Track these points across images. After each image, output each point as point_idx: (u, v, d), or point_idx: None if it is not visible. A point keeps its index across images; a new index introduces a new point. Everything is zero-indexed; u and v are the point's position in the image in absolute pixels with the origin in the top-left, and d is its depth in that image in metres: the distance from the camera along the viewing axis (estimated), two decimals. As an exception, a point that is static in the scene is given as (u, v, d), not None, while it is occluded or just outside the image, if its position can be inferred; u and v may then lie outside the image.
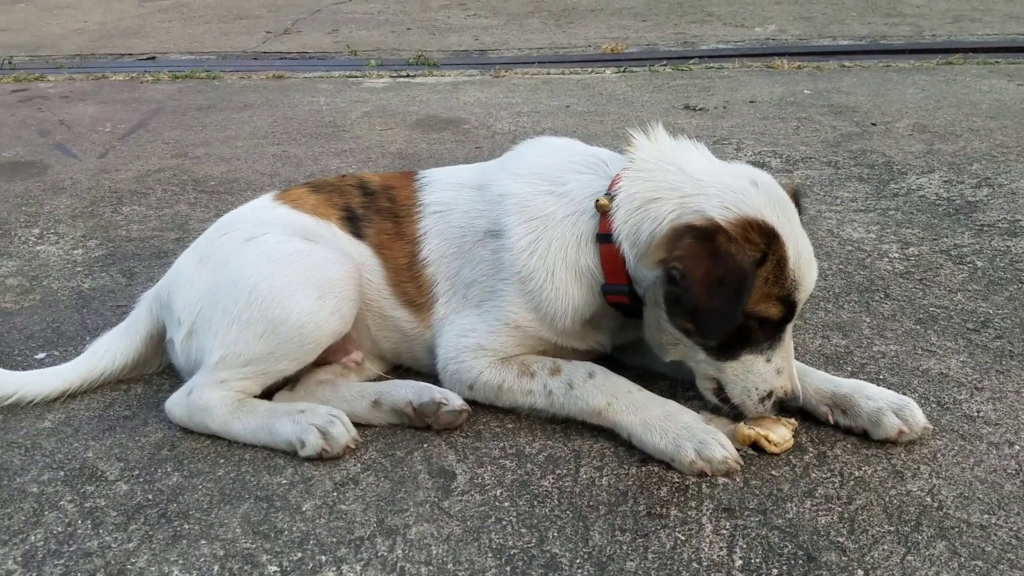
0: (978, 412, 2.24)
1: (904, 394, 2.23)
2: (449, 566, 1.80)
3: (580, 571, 1.77)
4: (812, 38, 7.38)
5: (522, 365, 2.27)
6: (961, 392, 2.33)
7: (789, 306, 2.04)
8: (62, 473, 2.15)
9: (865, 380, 2.28)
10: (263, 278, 2.25)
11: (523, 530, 1.90)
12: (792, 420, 2.16)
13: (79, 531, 1.94)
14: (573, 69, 6.69)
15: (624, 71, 6.50)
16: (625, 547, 1.83)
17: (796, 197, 2.20)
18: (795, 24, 7.97)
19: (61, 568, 1.83)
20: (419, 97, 5.91)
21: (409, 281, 2.40)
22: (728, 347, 2.07)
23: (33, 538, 1.92)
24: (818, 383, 2.22)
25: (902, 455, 2.09)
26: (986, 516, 1.88)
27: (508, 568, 1.79)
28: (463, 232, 2.36)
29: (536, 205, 2.27)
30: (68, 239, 3.68)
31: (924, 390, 2.35)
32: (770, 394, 2.09)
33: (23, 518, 1.99)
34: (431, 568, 1.80)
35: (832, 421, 2.19)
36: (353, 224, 2.46)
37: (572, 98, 5.74)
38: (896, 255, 3.17)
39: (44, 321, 2.95)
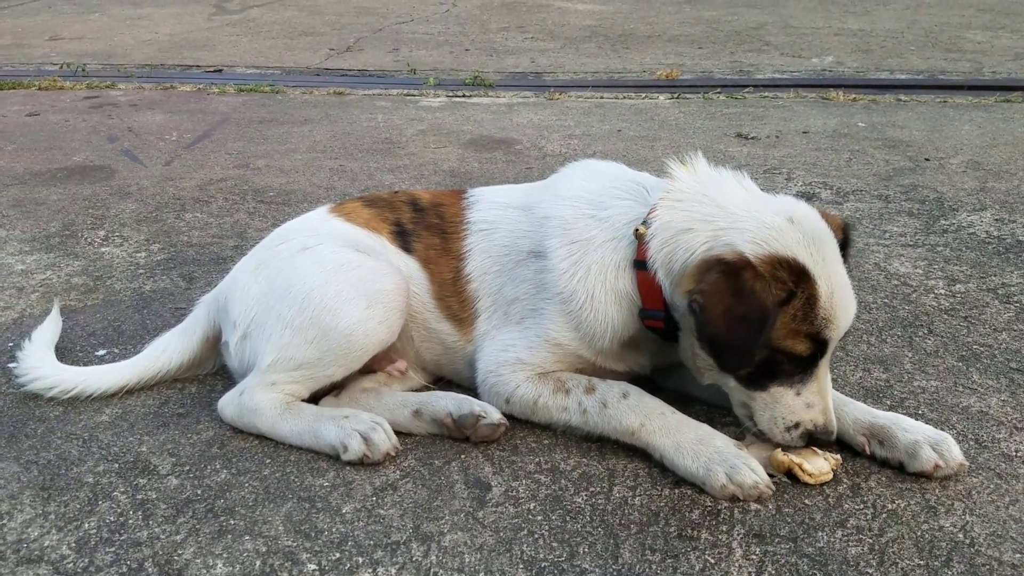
0: (1016, 452, 2.23)
1: (942, 430, 2.24)
2: (481, 574, 1.85)
3: (608, 586, 1.82)
4: (869, 71, 7.33)
5: (558, 382, 2.32)
6: (1000, 431, 2.32)
7: (818, 343, 2.05)
8: (116, 465, 2.25)
9: (904, 414, 2.29)
10: (316, 286, 2.34)
11: (554, 544, 1.94)
12: (836, 456, 2.16)
13: (130, 521, 2.04)
14: (627, 94, 6.74)
15: (678, 97, 6.54)
16: (654, 567, 1.87)
17: (845, 231, 2.22)
18: (853, 56, 7.93)
19: (112, 555, 1.92)
20: (473, 117, 6.02)
21: (453, 296, 2.47)
22: (756, 379, 2.10)
23: (87, 526, 2.02)
24: (857, 414, 2.23)
25: (936, 490, 2.09)
26: (1018, 556, 1.88)
27: (538, 580, 1.84)
28: (507, 251, 2.43)
29: (578, 229, 2.33)
30: (132, 242, 3.83)
31: (963, 427, 2.34)
32: (797, 425, 2.10)
33: (78, 506, 2.09)
34: (463, 575, 1.85)
35: (868, 452, 2.20)
36: (403, 238, 2.54)
37: (624, 122, 5.79)
38: (942, 291, 3.15)
39: (106, 320, 3.08)
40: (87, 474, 2.21)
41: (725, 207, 2.15)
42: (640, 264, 2.22)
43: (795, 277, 2.01)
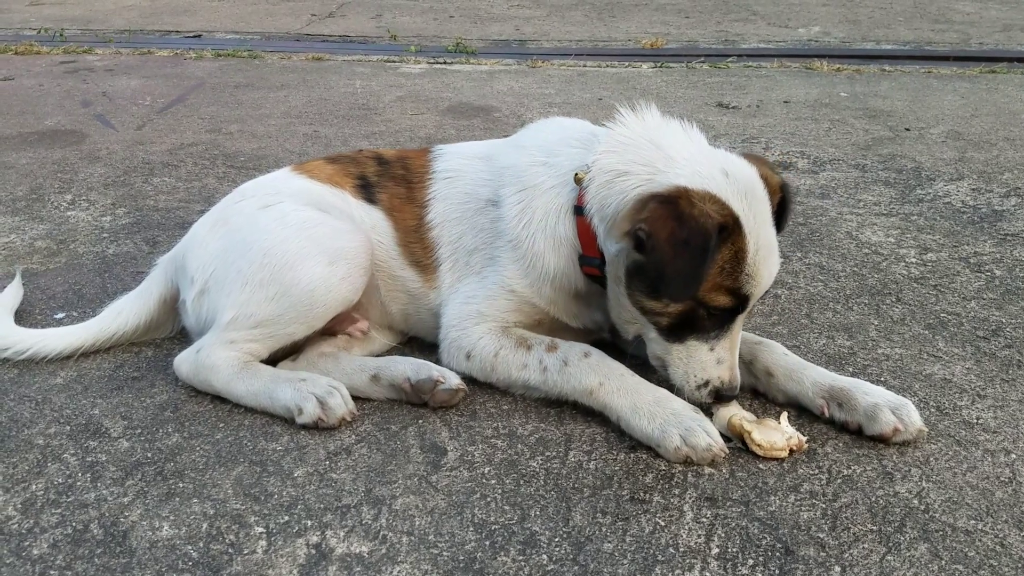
0: (977, 419, 2.22)
1: (904, 396, 2.22)
2: (430, 537, 1.83)
3: (558, 549, 1.79)
4: (855, 41, 7.28)
5: (520, 338, 2.30)
6: (963, 398, 2.31)
7: (740, 299, 2.04)
8: (68, 428, 2.22)
9: (865, 380, 2.27)
10: (277, 242, 2.30)
11: (506, 507, 1.92)
12: (801, 438, 2.10)
13: (78, 483, 2.01)
14: (610, 63, 6.67)
15: (661, 67, 6.48)
16: (604, 529, 1.85)
17: (783, 191, 2.19)
18: (840, 27, 7.87)
19: (58, 517, 1.89)
20: (453, 84, 5.95)
21: (416, 242, 2.46)
22: (675, 330, 2.10)
23: (34, 487, 1.99)
24: (816, 376, 2.21)
25: (894, 457, 2.07)
26: (973, 522, 1.87)
27: (487, 543, 1.82)
28: (467, 199, 2.42)
29: (529, 175, 2.33)
30: (98, 206, 3.77)
31: (925, 394, 2.33)
32: (707, 383, 2.11)
33: (27, 468, 2.06)
34: (412, 538, 1.83)
35: (827, 415, 2.18)
36: (366, 191, 2.52)
37: (605, 91, 5.73)
38: (913, 260, 3.13)
39: (67, 283, 3.03)
40: (38, 436, 2.18)
41: (666, 152, 2.12)
42: (579, 210, 2.20)
43: (730, 219, 1.99)
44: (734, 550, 1.79)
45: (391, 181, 2.53)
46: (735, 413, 2.12)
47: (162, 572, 1.74)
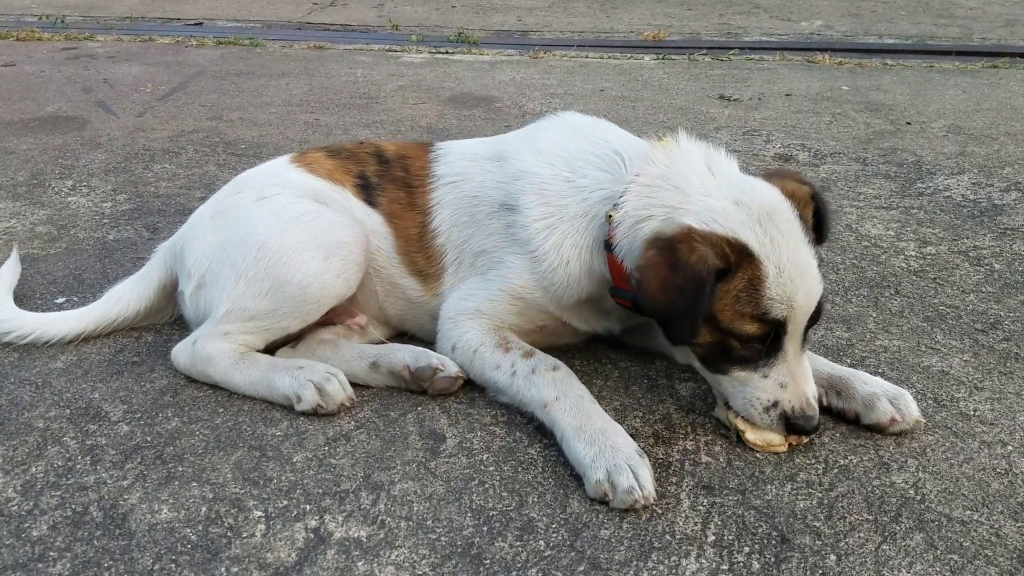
0: (975, 411, 2.23)
1: (903, 388, 2.23)
2: (428, 522, 1.84)
3: (555, 535, 1.80)
4: (858, 35, 7.28)
5: (503, 339, 2.28)
6: (960, 391, 2.31)
7: (769, 324, 1.97)
8: (68, 411, 2.22)
9: (863, 371, 2.28)
10: (272, 236, 2.29)
11: (504, 494, 1.93)
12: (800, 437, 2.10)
13: (78, 466, 2.02)
14: (612, 54, 6.67)
15: (663, 58, 6.47)
16: (601, 516, 1.86)
17: (816, 202, 2.15)
18: (842, 20, 7.86)
19: (57, 499, 1.90)
20: (455, 74, 5.94)
21: (419, 251, 2.43)
22: (714, 362, 2.06)
23: (34, 470, 2.00)
24: (815, 365, 2.21)
25: (891, 447, 2.08)
26: (968, 512, 1.88)
27: (485, 528, 1.82)
28: (476, 202, 2.38)
29: (553, 191, 2.28)
30: (99, 192, 3.77)
31: (922, 386, 2.33)
32: (776, 404, 2.02)
33: (27, 450, 2.07)
34: (410, 523, 1.84)
35: (825, 403, 2.19)
36: (367, 192, 2.49)
37: (607, 82, 5.73)
38: (913, 253, 3.13)
39: (67, 268, 3.03)
40: (38, 419, 2.19)
41: (683, 191, 2.09)
42: (610, 246, 2.17)
43: (736, 254, 1.95)
44: (730, 537, 1.80)
45: (392, 184, 2.49)
46: (730, 414, 2.12)
47: (161, 555, 1.75)
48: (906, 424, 2.10)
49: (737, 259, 1.95)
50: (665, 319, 2.00)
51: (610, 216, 2.16)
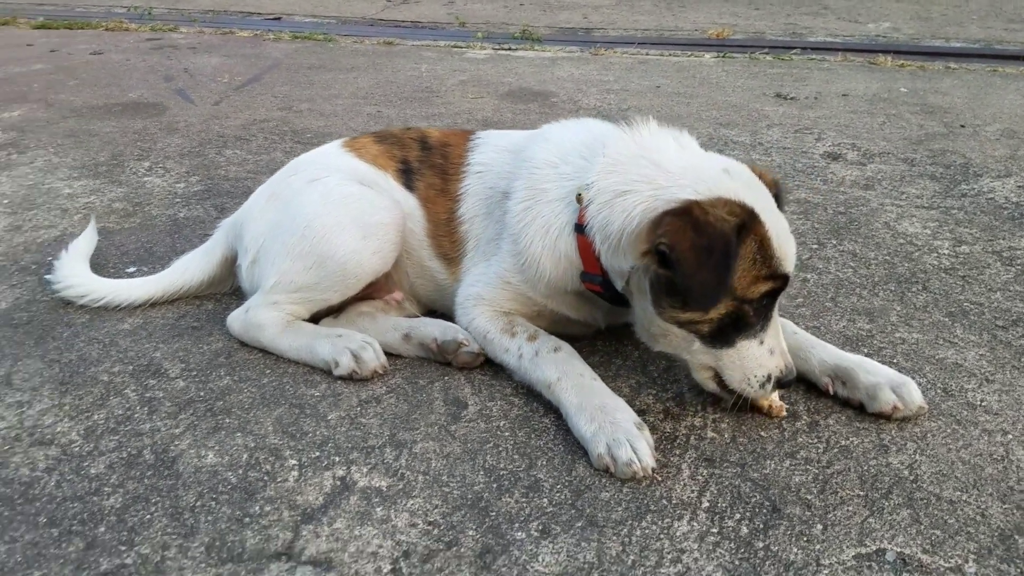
0: (981, 401, 2.29)
1: (912, 378, 2.30)
2: (444, 477, 2.00)
3: (558, 495, 1.94)
4: (924, 38, 7.18)
5: (508, 324, 2.39)
6: (971, 382, 2.37)
7: (779, 280, 2.06)
8: (131, 368, 2.45)
9: (877, 361, 2.36)
10: (317, 216, 2.49)
11: (516, 456, 2.08)
12: (780, 404, 2.23)
13: (136, 415, 2.24)
14: (673, 52, 6.74)
15: (724, 56, 6.51)
16: (603, 480, 1.99)
17: (776, 187, 2.23)
18: (910, 23, 7.75)
19: (115, 443, 2.13)
20: (515, 69, 6.10)
21: (446, 236, 2.57)
22: (723, 334, 2.09)
23: (96, 417, 2.23)
24: (823, 355, 2.30)
25: (893, 431, 2.16)
26: (958, 493, 1.95)
27: (495, 485, 1.98)
28: (491, 193, 2.50)
29: (538, 175, 2.37)
30: (173, 174, 4.05)
31: (934, 376, 2.40)
32: (768, 377, 2.11)
33: (91, 400, 2.30)
34: (427, 477, 2.00)
35: (832, 392, 2.27)
36: (407, 176, 2.65)
37: (665, 79, 5.81)
38: (946, 252, 3.17)
39: (140, 241, 3.29)
40: (103, 374, 2.42)
41: (664, 167, 2.15)
42: (580, 228, 2.23)
43: (745, 213, 2.01)
44: (724, 505, 1.92)
45: (430, 170, 2.63)
46: None
47: (203, 493, 1.95)
48: (909, 411, 2.17)
49: (748, 219, 2.00)
50: (693, 288, 1.98)
51: (579, 197, 2.22)
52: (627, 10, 8.51)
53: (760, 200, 2.07)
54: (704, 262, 1.95)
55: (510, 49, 6.79)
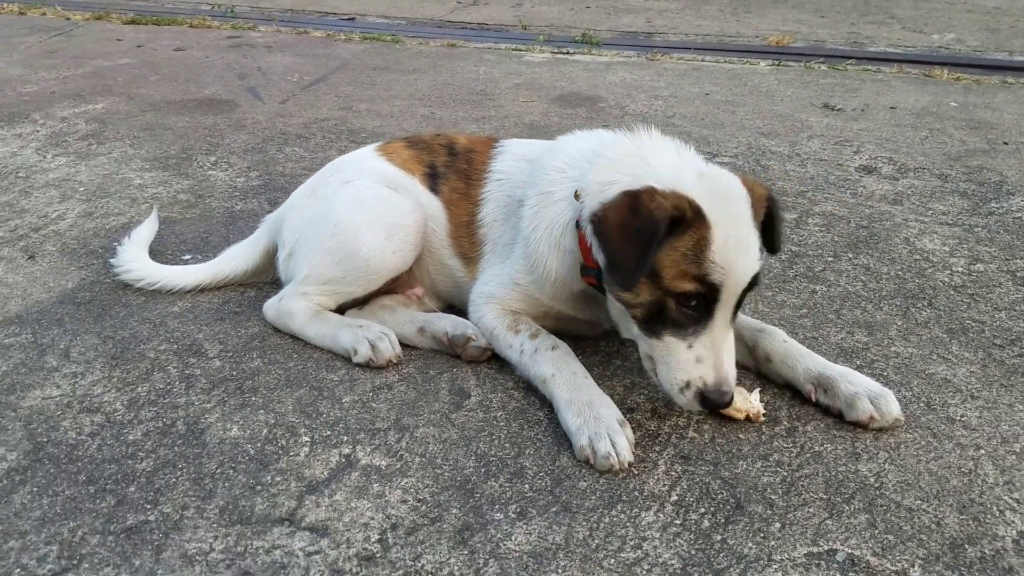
0: (961, 417, 2.37)
1: (899, 392, 2.41)
2: (438, 460, 2.20)
3: (540, 482, 2.12)
4: (987, 51, 7.06)
5: (514, 321, 2.57)
6: (955, 398, 2.46)
7: (706, 286, 2.11)
8: (175, 347, 2.72)
9: (865, 374, 2.47)
10: (347, 215, 2.71)
11: (507, 445, 2.26)
12: (759, 407, 2.34)
13: (174, 390, 2.50)
14: (729, 58, 6.79)
15: (779, 65, 6.55)
16: (583, 471, 2.16)
17: (769, 204, 2.30)
18: (976, 35, 7.62)
19: (153, 413, 2.39)
20: (570, 73, 6.25)
21: (465, 237, 2.77)
22: (651, 323, 2.20)
23: (140, 389, 2.50)
24: (809, 364, 2.41)
25: (867, 440, 2.27)
26: (919, 502, 2.05)
27: (483, 470, 2.17)
28: (509, 200, 2.68)
29: (547, 181, 2.54)
30: (235, 168, 4.34)
31: (920, 390, 2.49)
32: (688, 384, 2.16)
33: (137, 374, 2.57)
34: (423, 459, 2.21)
35: (814, 399, 2.39)
36: (433, 180, 2.86)
37: (715, 86, 5.89)
38: (960, 269, 3.22)
39: (197, 231, 3.58)
40: (150, 351, 2.69)
41: (652, 166, 2.29)
42: (579, 223, 2.39)
43: (692, 212, 2.12)
44: (691, 499, 2.07)
45: (454, 175, 2.82)
46: None
47: (224, 462, 2.19)
48: (885, 422, 2.28)
49: (692, 217, 2.11)
50: (615, 262, 2.14)
51: (576, 194, 2.38)
52: (692, 15, 8.56)
53: (719, 206, 2.15)
54: (628, 238, 2.10)
55: (568, 53, 6.95)
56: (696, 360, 2.16)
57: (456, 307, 2.91)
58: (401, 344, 2.66)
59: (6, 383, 2.51)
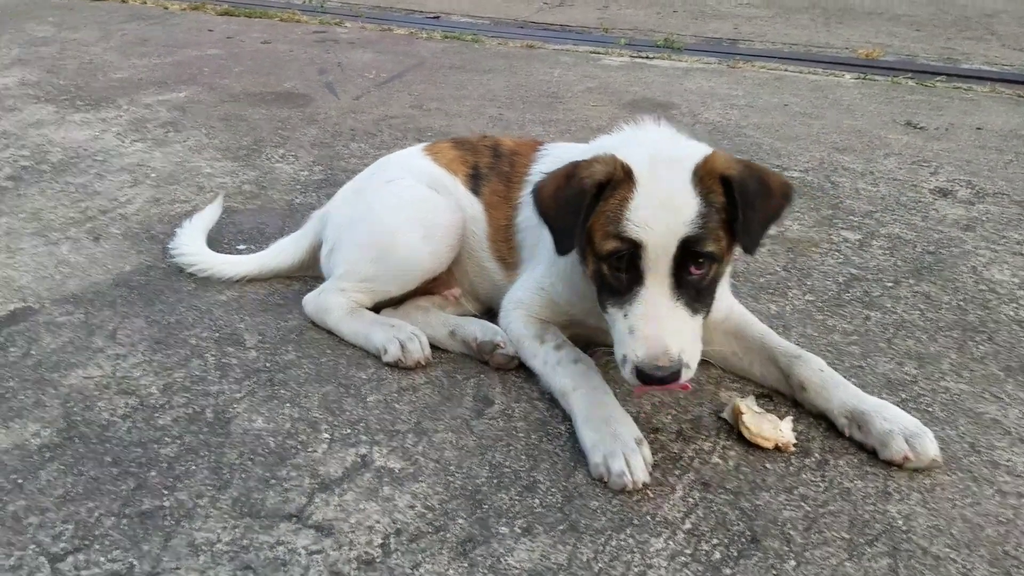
0: (1007, 462, 2.24)
1: (943, 430, 2.29)
2: (451, 467, 2.19)
3: (551, 498, 2.09)
4: (1094, 70, 6.67)
5: (541, 330, 2.54)
6: (1003, 441, 2.32)
7: (628, 243, 2.09)
8: (217, 335, 2.78)
9: (911, 410, 2.36)
10: (387, 214, 2.73)
11: (523, 457, 2.24)
12: (791, 436, 2.27)
13: (209, 377, 2.55)
14: (813, 69, 6.58)
15: (864, 78, 6.31)
16: (597, 489, 2.12)
17: (726, 178, 2.15)
18: (1085, 53, 7.21)
19: (185, 399, 2.44)
20: (645, 79, 6.16)
21: (504, 241, 2.76)
22: (600, 295, 2.24)
23: (176, 375, 2.56)
24: (844, 396, 2.31)
25: (902, 480, 2.16)
26: (947, 550, 1.94)
27: (495, 481, 2.14)
28: None
29: None
30: (301, 162, 4.42)
31: (966, 430, 2.36)
32: (625, 358, 2.10)
33: (176, 360, 2.64)
34: (437, 465, 2.20)
35: (847, 434, 2.29)
36: (475, 181, 2.85)
37: (795, 97, 5.72)
38: (1028, 304, 3.05)
39: (255, 221, 3.66)
40: (192, 338, 2.76)
41: (628, 145, 2.29)
42: None
43: (621, 172, 2.14)
44: (705, 529, 2.00)
45: (497, 177, 2.82)
46: (745, 402, 2.30)
47: (244, 453, 2.22)
48: (920, 463, 2.17)
49: (620, 179, 2.15)
50: (552, 230, 2.25)
51: None
52: (781, 23, 8.34)
53: (652, 170, 2.14)
54: (559, 205, 2.21)
55: (647, 57, 6.85)
56: (629, 331, 2.10)
57: (495, 310, 2.90)
58: (432, 346, 2.66)
59: (52, 360, 2.61)
